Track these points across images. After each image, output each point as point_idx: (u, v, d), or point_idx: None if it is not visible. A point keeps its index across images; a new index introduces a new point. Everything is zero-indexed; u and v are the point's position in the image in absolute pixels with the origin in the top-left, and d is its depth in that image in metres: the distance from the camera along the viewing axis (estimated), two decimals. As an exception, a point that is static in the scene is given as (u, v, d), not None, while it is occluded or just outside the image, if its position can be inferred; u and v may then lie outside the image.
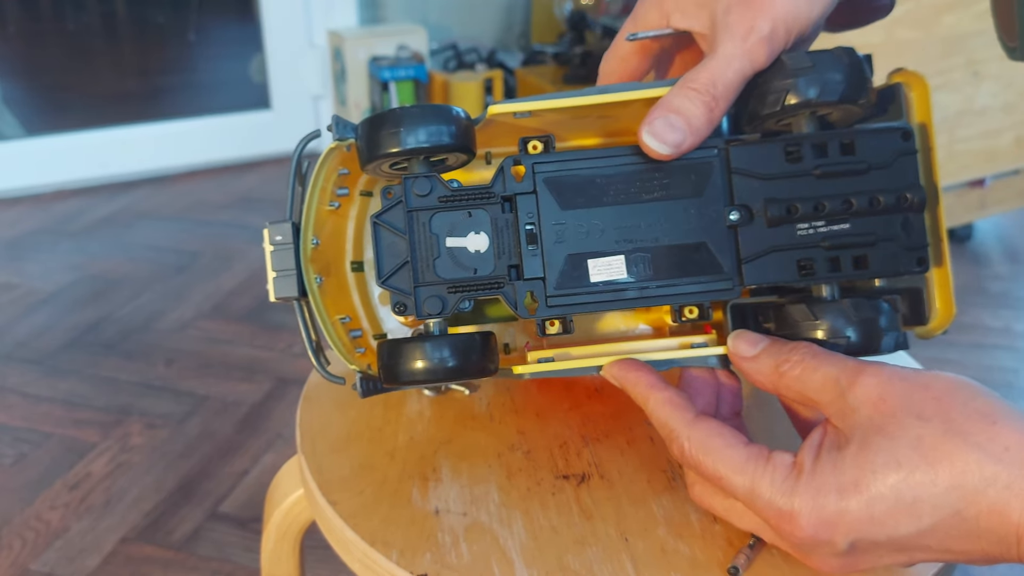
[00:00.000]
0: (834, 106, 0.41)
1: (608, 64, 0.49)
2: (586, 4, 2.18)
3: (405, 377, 0.41)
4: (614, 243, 0.42)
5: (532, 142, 0.42)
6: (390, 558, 0.39)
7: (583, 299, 0.42)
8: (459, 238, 0.41)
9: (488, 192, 0.41)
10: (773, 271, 0.42)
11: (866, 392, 0.35)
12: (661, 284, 0.42)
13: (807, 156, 0.41)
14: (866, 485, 0.34)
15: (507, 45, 2.52)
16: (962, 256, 1.78)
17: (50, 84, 2.53)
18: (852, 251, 0.42)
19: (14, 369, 1.39)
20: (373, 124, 0.42)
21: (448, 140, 0.41)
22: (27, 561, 1.01)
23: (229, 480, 1.14)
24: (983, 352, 1.44)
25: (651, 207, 0.42)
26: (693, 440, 0.38)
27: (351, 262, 0.48)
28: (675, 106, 0.40)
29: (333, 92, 2.32)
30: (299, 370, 1.38)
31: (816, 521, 0.34)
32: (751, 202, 0.42)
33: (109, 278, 1.69)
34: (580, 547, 0.40)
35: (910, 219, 0.42)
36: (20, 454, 1.19)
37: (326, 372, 0.44)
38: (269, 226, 0.43)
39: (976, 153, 1.61)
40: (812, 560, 0.36)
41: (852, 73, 0.40)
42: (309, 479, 0.45)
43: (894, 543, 0.34)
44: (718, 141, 0.41)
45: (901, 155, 0.41)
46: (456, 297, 0.41)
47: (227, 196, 2.09)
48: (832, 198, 0.41)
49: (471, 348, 0.41)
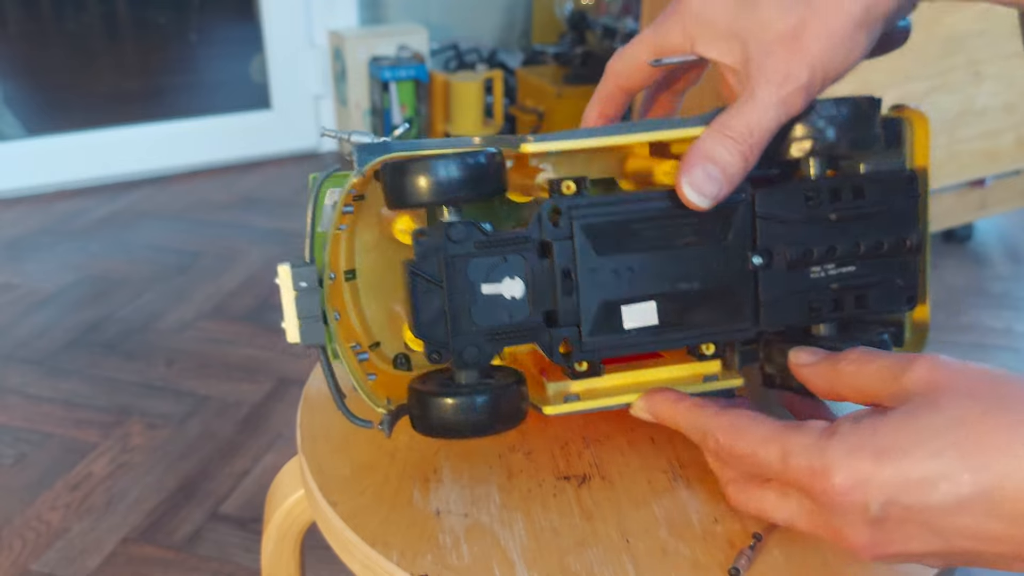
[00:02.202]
0: (855, 154, 0.42)
1: (621, 77, 0.46)
2: (587, 4, 2.18)
3: (439, 433, 0.41)
4: (646, 288, 0.42)
5: (566, 182, 0.41)
6: (391, 559, 0.39)
7: (615, 343, 0.42)
8: (495, 284, 0.40)
9: (524, 237, 0.40)
10: (788, 313, 0.43)
11: (919, 374, 0.36)
12: (687, 327, 0.43)
13: (824, 201, 0.42)
14: (905, 449, 0.33)
15: (508, 45, 2.52)
16: (963, 256, 1.78)
17: (50, 84, 2.53)
18: (855, 291, 0.43)
19: (15, 369, 1.39)
20: (404, 172, 0.39)
21: (486, 189, 0.40)
22: (28, 561, 1.01)
23: (230, 480, 1.14)
24: (984, 353, 1.44)
25: (681, 251, 0.42)
26: (722, 427, 0.38)
27: (344, 271, 0.48)
28: (713, 155, 0.39)
29: (333, 92, 2.32)
30: (299, 370, 1.38)
31: (850, 477, 0.34)
32: (772, 246, 0.42)
33: (110, 278, 1.69)
34: (581, 548, 0.40)
35: (907, 260, 0.44)
36: (21, 454, 1.19)
37: (355, 417, 0.42)
38: (292, 270, 0.40)
39: (977, 153, 1.61)
40: (843, 532, 0.35)
41: (875, 124, 0.41)
42: (309, 479, 0.45)
43: (928, 517, 0.33)
44: (744, 185, 0.42)
45: (904, 198, 0.43)
46: (493, 344, 0.41)
47: (228, 196, 2.10)
48: (844, 241, 0.43)
49: (510, 400, 0.42)
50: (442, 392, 0.41)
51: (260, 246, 1.83)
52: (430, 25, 2.32)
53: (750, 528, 0.41)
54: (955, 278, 1.69)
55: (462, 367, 0.41)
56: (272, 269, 1.72)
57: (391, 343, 0.49)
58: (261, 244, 1.84)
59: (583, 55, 2.11)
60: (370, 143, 0.41)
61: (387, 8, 2.36)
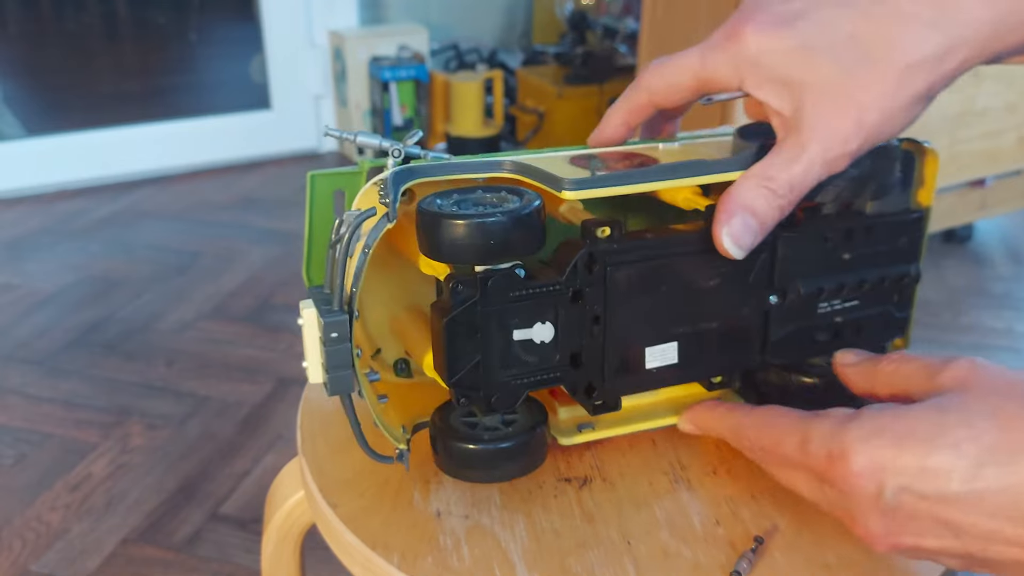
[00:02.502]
0: (876, 198, 0.44)
1: (657, 95, 0.44)
2: (587, 4, 2.18)
3: (462, 478, 0.42)
4: (670, 328, 0.43)
5: (602, 228, 0.40)
6: (391, 562, 0.39)
7: (636, 382, 0.43)
8: (526, 329, 0.40)
9: (559, 285, 0.40)
10: (794, 347, 0.45)
11: (954, 373, 0.36)
12: (703, 363, 0.44)
13: (839, 242, 0.43)
14: (927, 438, 0.33)
15: (508, 45, 2.52)
16: (963, 257, 1.78)
17: (51, 84, 2.53)
18: (855, 323, 0.45)
19: (15, 370, 1.39)
20: (445, 229, 0.37)
21: (530, 250, 0.38)
22: (27, 562, 1.01)
23: (230, 481, 1.14)
24: (985, 353, 1.44)
25: (705, 292, 0.42)
26: (752, 424, 0.40)
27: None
28: (754, 207, 0.39)
29: (333, 92, 2.32)
30: (300, 371, 1.38)
31: (867, 461, 0.33)
32: (787, 284, 0.43)
33: (110, 278, 1.69)
34: (582, 550, 0.40)
35: (903, 293, 0.46)
36: (21, 455, 1.19)
37: (377, 455, 0.42)
38: (322, 321, 0.38)
39: (977, 153, 1.61)
40: (858, 518, 0.35)
41: (896, 172, 0.43)
42: (310, 481, 0.45)
43: (942, 510, 0.32)
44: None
45: (910, 236, 0.44)
46: (522, 387, 0.41)
47: (228, 196, 2.09)
48: (852, 278, 0.44)
49: (536, 448, 0.42)
50: (469, 437, 0.41)
51: (260, 246, 1.83)
52: (430, 25, 2.32)
53: (752, 530, 0.41)
54: (956, 278, 1.69)
55: (490, 412, 0.41)
56: (272, 269, 1.72)
57: (391, 348, 0.50)
58: (261, 244, 1.83)
59: (583, 55, 2.11)
60: (396, 171, 0.39)
61: (387, 8, 2.36)
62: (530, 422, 0.42)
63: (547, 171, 0.40)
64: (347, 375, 0.39)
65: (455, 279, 0.38)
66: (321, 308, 0.38)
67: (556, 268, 0.40)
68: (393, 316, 0.49)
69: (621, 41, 2.13)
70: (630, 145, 0.46)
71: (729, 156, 0.42)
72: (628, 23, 2.13)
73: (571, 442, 0.44)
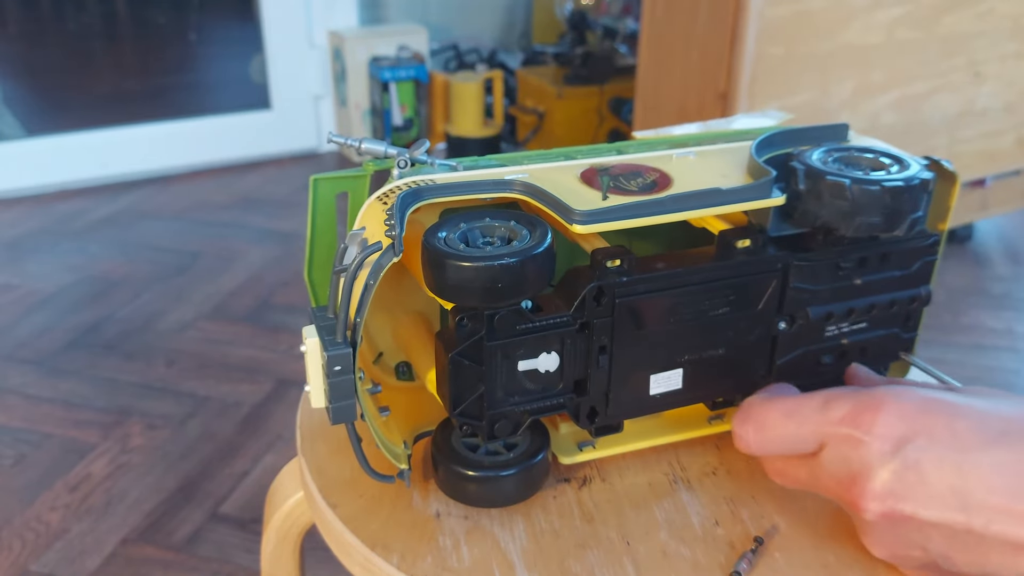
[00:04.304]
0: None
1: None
2: (587, 4, 2.18)
3: (463, 501, 0.42)
4: (675, 356, 0.42)
5: (612, 259, 0.39)
6: (391, 562, 0.39)
7: (639, 407, 0.43)
8: (531, 360, 0.40)
9: (566, 319, 0.39)
10: (800, 371, 0.45)
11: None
12: (706, 387, 0.44)
13: (852, 270, 0.43)
14: (955, 405, 0.33)
15: (508, 45, 2.52)
16: (963, 257, 1.78)
17: (50, 84, 2.53)
18: (861, 344, 0.45)
19: (14, 370, 1.39)
20: (452, 271, 0.36)
21: (538, 289, 0.38)
22: (27, 562, 1.01)
23: (229, 481, 1.14)
24: (984, 353, 1.44)
25: (712, 320, 0.42)
26: (766, 397, 0.39)
27: None
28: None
29: (333, 92, 2.32)
30: (299, 371, 1.38)
31: (898, 411, 0.33)
32: (796, 310, 0.43)
33: (109, 278, 1.69)
34: (581, 550, 0.40)
35: (912, 313, 0.45)
36: (20, 455, 1.19)
37: (378, 475, 0.42)
38: (325, 354, 0.37)
39: (977, 154, 1.61)
40: (862, 476, 0.34)
41: (920, 207, 0.41)
42: (309, 481, 0.45)
43: (957, 480, 0.32)
44: (784, 256, 0.42)
45: (923, 260, 0.44)
46: (525, 414, 0.41)
47: (228, 196, 2.09)
48: (862, 302, 0.44)
49: (537, 473, 0.42)
50: (470, 463, 0.41)
51: (260, 246, 1.83)
52: (430, 25, 2.32)
53: (751, 531, 0.41)
54: (955, 279, 1.69)
55: (492, 439, 0.41)
56: (272, 269, 1.72)
57: (392, 353, 0.50)
58: (261, 244, 1.83)
59: (583, 55, 2.10)
60: (402, 197, 0.39)
61: (387, 8, 2.36)
62: (532, 448, 0.42)
63: (557, 197, 0.39)
64: (350, 405, 0.39)
65: (461, 313, 0.38)
66: (324, 339, 0.37)
67: (564, 299, 0.40)
68: (396, 321, 0.49)
69: (621, 41, 2.13)
70: (642, 153, 0.45)
71: (744, 178, 0.42)
72: (628, 23, 2.13)
73: (571, 461, 0.44)
